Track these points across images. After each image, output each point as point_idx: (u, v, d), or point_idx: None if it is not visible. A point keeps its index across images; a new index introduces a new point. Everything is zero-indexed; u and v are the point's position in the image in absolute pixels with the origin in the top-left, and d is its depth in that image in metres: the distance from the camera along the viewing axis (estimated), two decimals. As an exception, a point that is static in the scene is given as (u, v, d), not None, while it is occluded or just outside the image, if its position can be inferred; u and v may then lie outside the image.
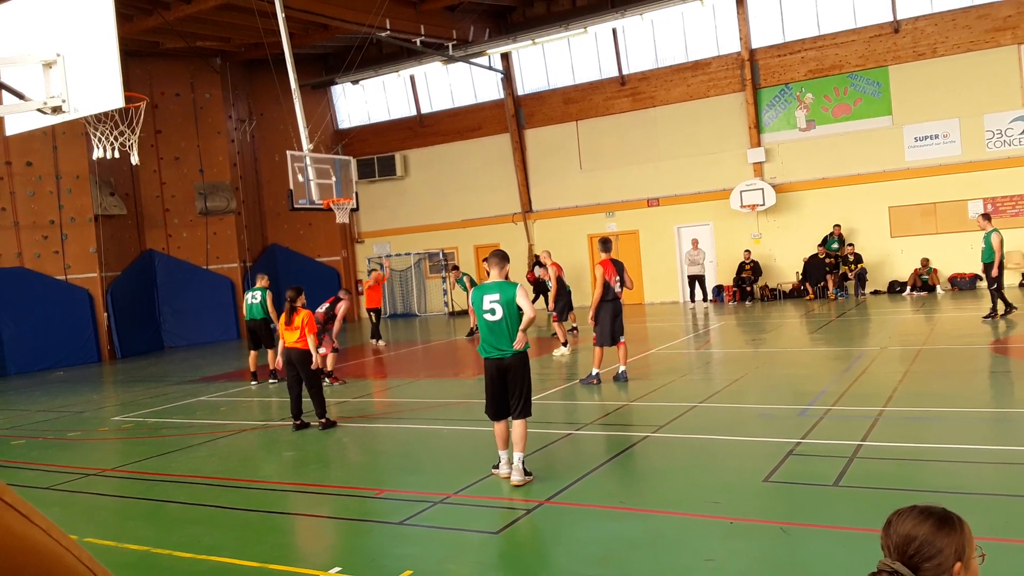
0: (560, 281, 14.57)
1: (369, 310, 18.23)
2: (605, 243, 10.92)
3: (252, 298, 13.51)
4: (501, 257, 6.52)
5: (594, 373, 10.68)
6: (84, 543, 5.39)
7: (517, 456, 6.25)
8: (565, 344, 14.03)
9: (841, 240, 20.93)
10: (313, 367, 9.20)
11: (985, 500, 5.19)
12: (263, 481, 7.15)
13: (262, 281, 13.77)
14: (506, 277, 6.49)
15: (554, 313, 14.54)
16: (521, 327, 6.27)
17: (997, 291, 13.97)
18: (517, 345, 6.27)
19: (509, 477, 6.30)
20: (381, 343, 18.01)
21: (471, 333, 16.23)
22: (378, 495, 6.54)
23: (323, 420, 9.11)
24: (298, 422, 9.21)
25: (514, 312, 6.30)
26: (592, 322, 10.63)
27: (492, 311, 6.29)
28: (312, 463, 7.94)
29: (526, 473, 6.26)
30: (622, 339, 10.66)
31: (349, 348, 18.04)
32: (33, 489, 7.29)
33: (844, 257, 20.81)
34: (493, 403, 6.41)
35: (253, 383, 13.22)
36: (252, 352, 13.48)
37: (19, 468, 8.45)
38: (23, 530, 0.71)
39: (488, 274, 6.56)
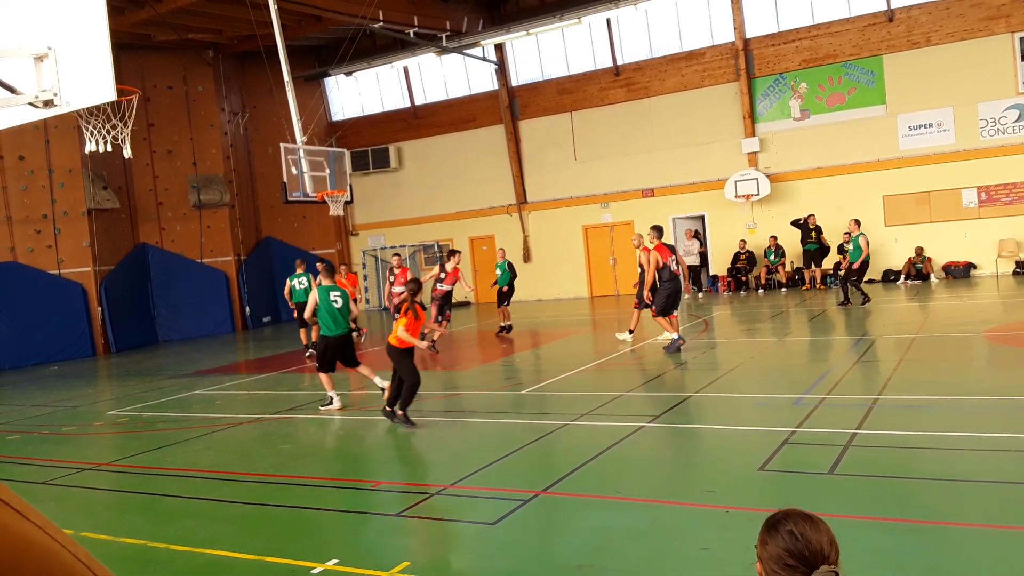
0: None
1: None
2: (658, 230, 12.32)
3: (299, 284, 15.13)
4: (333, 269, 10.16)
5: (676, 337, 11.84)
6: (80, 538, 5.40)
7: (380, 377, 9.60)
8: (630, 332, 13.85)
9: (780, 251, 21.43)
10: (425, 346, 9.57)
11: (979, 487, 5.21)
12: (260, 474, 7.16)
13: (301, 267, 15.50)
14: (336, 282, 9.83)
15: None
16: (353, 316, 10.05)
17: (855, 283, 16.27)
18: (353, 326, 10.02)
19: (343, 408, 9.58)
20: (353, 334, 18.44)
21: (501, 330, 16.33)
22: (375, 487, 6.55)
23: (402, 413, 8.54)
24: (388, 409, 8.64)
25: (348, 303, 9.67)
26: (648, 301, 12.23)
27: (336, 301, 9.53)
28: (308, 456, 7.95)
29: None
30: (675, 312, 12.08)
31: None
32: (29, 484, 7.29)
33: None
34: (329, 363, 9.57)
35: (308, 352, 14.84)
36: (302, 329, 15.31)
37: (14, 463, 8.44)
38: (19, 527, 0.71)
39: (327, 279, 9.85)
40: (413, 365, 8.38)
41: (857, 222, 16.72)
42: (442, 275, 15.20)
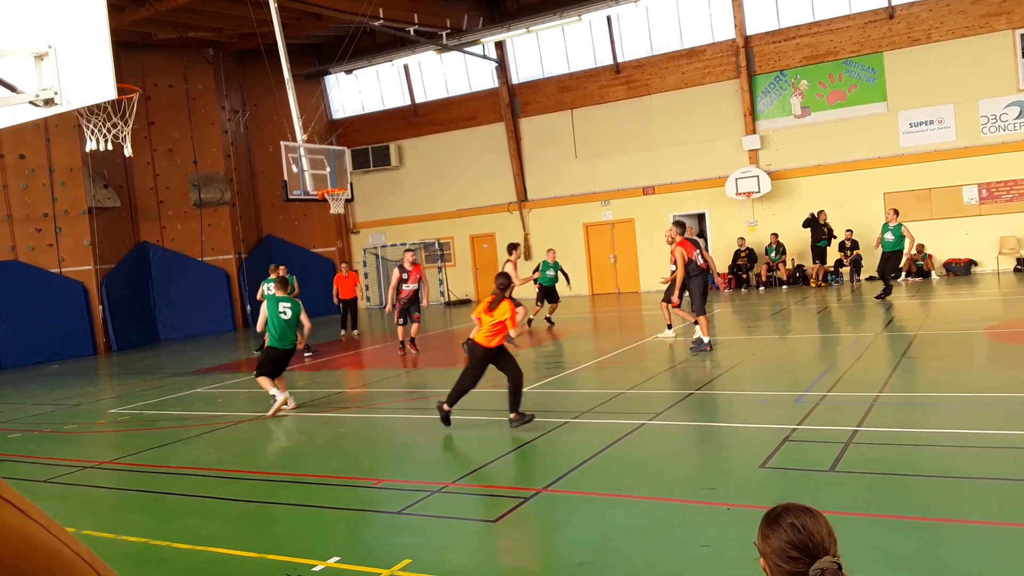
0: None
1: (343, 301, 18.24)
2: (681, 225, 12.13)
3: (268, 289, 13.84)
4: (286, 282, 10.28)
5: (705, 341, 11.52)
6: (82, 536, 5.40)
7: (284, 394, 9.58)
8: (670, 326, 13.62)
9: (782, 249, 21.32)
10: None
11: (980, 484, 5.22)
12: (261, 472, 7.16)
13: (275, 273, 14.80)
14: (289, 295, 9.96)
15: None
16: (305, 334, 9.87)
17: (895, 277, 16.21)
18: (300, 345, 9.92)
19: (293, 405, 9.63)
20: (355, 332, 18.34)
21: (530, 323, 16.58)
22: (375, 485, 6.55)
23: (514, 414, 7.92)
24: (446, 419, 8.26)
25: (298, 316, 9.67)
26: (675, 302, 12.08)
27: (285, 312, 9.61)
28: (309, 453, 7.96)
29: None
30: (706, 313, 12.00)
31: (334, 342, 18.05)
32: (30, 482, 7.29)
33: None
34: (277, 369, 9.68)
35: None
36: None
37: (16, 462, 8.45)
38: (21, 525, 0.71)
39: (287, 288, 10.14)
40: (513, 360, 8.10)
41: (896, 211, 16.27)
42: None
